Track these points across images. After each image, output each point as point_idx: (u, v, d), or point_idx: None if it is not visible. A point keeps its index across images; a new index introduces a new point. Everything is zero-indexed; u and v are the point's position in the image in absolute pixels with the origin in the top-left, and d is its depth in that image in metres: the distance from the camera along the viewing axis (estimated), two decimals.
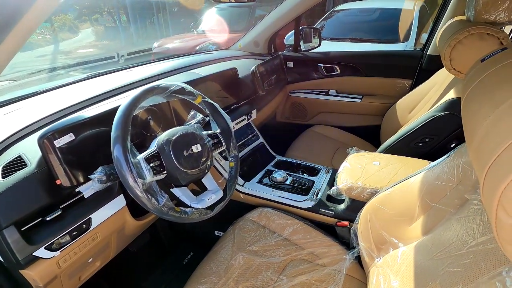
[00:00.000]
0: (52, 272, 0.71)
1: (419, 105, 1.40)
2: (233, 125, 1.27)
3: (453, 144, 1.12)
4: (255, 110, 1.46)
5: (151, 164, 0.71)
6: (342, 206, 1.07)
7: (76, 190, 0.75)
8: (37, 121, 0.80)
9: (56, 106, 0.86)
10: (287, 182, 1.22)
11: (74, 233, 0.73)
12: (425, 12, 3.86)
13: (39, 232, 0.68)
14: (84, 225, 0.75)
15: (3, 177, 0.65)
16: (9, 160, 0.69)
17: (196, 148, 0.80)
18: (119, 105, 0.71)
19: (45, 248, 0.68)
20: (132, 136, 0.74)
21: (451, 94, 1.09)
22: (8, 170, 0.67)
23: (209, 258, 0.93)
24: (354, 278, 0.85)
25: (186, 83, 0.86)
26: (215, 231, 1.31)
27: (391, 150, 1.23)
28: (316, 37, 1.86)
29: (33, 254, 0.66)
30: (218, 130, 0.92)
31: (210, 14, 5.80)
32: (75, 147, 0.73)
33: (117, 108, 0.70)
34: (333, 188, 1.05)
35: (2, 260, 0.67)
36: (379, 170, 1.01)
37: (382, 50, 2.10)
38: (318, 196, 1.13)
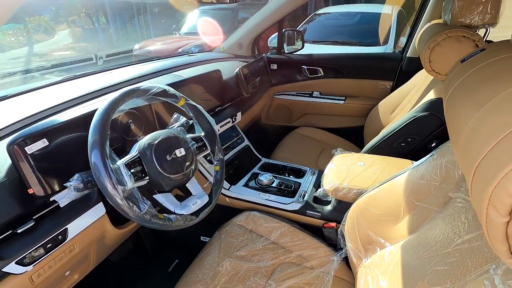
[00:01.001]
0: None
1: (400, 106, 1.43)
2: (218, 128, 1.25)
3: (434, 144, 1.15)
4: (240, 113, 1.44)
5: (132, 170, 0.68)
6: (329, 208, 1.07)
7: (51, 199, 0.71)
8: (7, 127, 0.75)
9: (29, 110, 0.81)
10: (274, 185, 1.21)
11: (49, 245, 0.68)
12: (403, 17, 4.01)
13: (9, 246, 0.63)
14: (60, 236, 0.70)
15: None
16: None
17: (180, 152, 0.77)
18: (97, 108, 0.68)
19: (16, 263, 0.63)
20: (112, 141, 0.71)
21: (431, 95, 1.13)
22: None
23: (195, 265, 0.91)
24: (343, 280, 0.85)
25: (169, 85, 0.83)
26: (201, 237, 1.28)
27: (375, 151, 1.25)
28: (299, 40, 1.87)
29: (3, 270, 0.61)
30: (203, 133, 0.90)
31: (193, 16, 5.75)
32: (49, 154, 0.68)
33: (95, 112, 0.67)
34: (320, 190, 1.05)
35: None
36: (364, 171, 1.02)
37: (364, 53, 2.15)
38: (305, 198, 1.12)
